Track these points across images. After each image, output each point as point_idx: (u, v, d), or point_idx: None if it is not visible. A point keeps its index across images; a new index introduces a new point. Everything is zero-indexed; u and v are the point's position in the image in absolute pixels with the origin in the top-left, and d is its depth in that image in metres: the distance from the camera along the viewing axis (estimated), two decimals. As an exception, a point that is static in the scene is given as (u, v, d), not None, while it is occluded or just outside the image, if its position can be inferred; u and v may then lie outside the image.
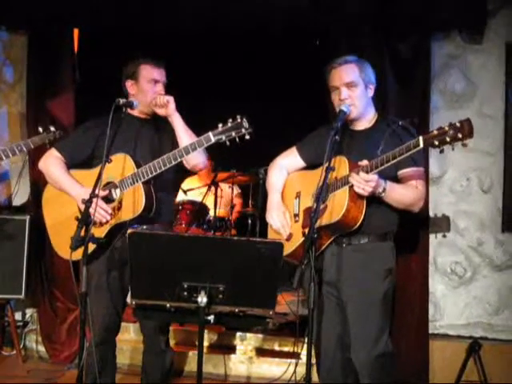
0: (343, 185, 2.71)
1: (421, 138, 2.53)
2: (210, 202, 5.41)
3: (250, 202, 5.87)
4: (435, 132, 2.49)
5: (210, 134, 2.90)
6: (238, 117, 2.88)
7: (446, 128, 2.46)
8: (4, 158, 3.49)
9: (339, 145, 2.77)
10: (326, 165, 2.63)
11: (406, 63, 3.88)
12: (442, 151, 2.51)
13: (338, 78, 2.85)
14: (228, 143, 2.89)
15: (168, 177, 3.14)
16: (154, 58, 3.20)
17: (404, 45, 3.88)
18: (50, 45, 4.62)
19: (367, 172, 2.62)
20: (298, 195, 2.99)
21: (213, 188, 5.35)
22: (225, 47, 5.23)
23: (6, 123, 4.92)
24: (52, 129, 3.66)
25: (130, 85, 3.21)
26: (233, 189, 5.52)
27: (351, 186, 2.67)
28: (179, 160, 2.97)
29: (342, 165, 2.76)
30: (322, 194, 2.61)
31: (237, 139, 2.88)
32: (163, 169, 2.97)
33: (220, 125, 2.89)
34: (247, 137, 2.87)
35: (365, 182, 2.62)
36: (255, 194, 5.71)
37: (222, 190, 5.54)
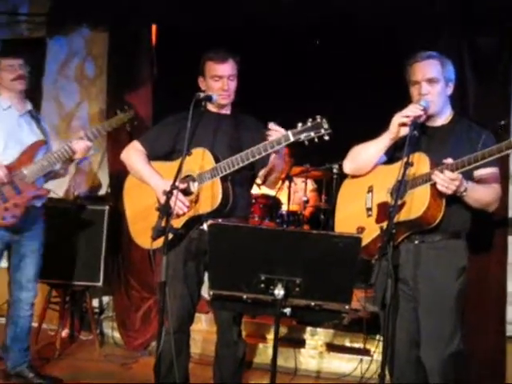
0: (424, 182, 2.66)
1: None
2: (283, 197, 5.42)
3: (322, 196, 5.84)
4: None
5: (289, 132, 2.88)
6: (318, 117, 2.85)
7: None
8: (94, 139, 3.57)
9: (417, 140, 2.73)
10: (405, 160, 2.59)
11: (486, 60, 3.78)
12: None
13: (419, 73, 2.79)
14: (306, 143, 2.88)
15: (245, 172, 3.15)
16: (217, 53, 3.18)
17: (484, 39, 3.78)
18: (129, 40, 4.78)
19: (452, 171, 2.58)
20: (370, 189, 2.95)
21: (287, 182, 5.36)
22: (303, 40, 5.22)
23: (86, 117, 5.11)
24: (126, 107, 3.72)
25: (201, 81, 3.26)
26: (306, 183, 5.51)
27: (433, 184, 2.62)
28: (258, 157, 2.97)
29: (421, 161, 2.70)
30: (401, 190, 2.57)
31: (315, 139, 2.86)
32: (241, 165, 2.98)
33: (299, 124, 2.87)
34: (326, 137, 2.84)
35: (449, 181, 2.56)
36: (329, 189, 5.68)
37: (295, 185, 5.54)
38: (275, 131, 2.91)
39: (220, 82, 3.17)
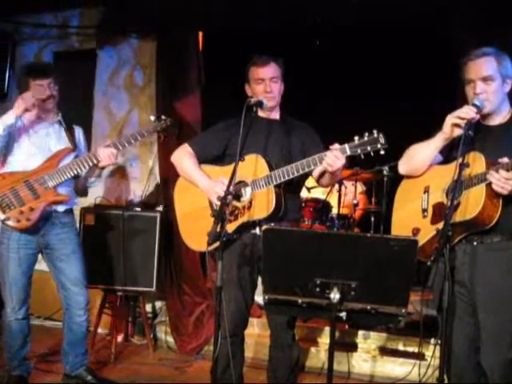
0: (480, 182, 2.60)
1: None
2: (333, 200, 5.40)
3: (372, 199, 5.78)
4: None
5: (347, 146, 2.89)
6: (375, 131, 2.85)
7: None
8: (120, 147, 3.60)
9: (472, 140, 2.68)
10: (460, 160, 2.55)
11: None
12: None
13: (474, 71, 2.73)
14: (362, 156, 2.88)
15: (297, 177, 3.14)
16: (260, 58, 3.23)
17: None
18: (176, 48, 4.86)
19: (508, 170, 2.52)
20: (426, 190, 2.90)
21: (337, 185, 5.33)
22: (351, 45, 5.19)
23: (137, 125, 5.21)
24: (163, 117, 3.74)
25: (247, 88, 3.31)
26: (356, 186, 5.48)
27: (489, 184, 2.57)
28: (313, 168, 3.00)
29: (477, 161, 2.65)
30: (457, 190, 2.53)
31: (371, 153, 2.86)
32: (296, 175, 3.01)
33: (356, 138, 2.87)
34: (382, 152, 2.84)
35: (505, 181, 2.51)
36: (378, 192, 5.62)
37: (345, 188, 5.51)
38: (333, 156, 2.89)
39: (263, 84, 3.20)
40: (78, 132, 3.84)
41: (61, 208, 3.65)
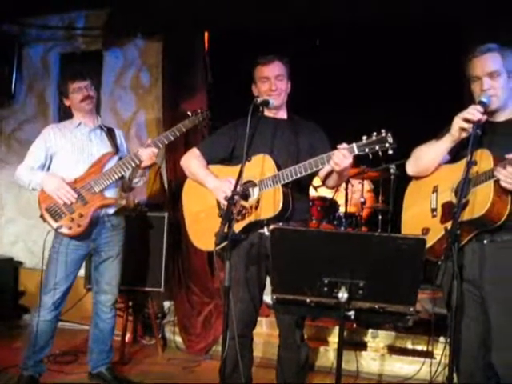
0: (487, 179, 2.59)
1: None
2: (340, 199, 5.39)
3: (380, 197, 5.77)
4: None
5: (354, 145, 2.89)
6: (383, 131, 2.85)
7: None
8: (160, 145, 3.67)
9: (480, 137, 2.67)
10: (468, 159, 2.54)
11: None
12: None
13: (480, 68, 2.72)
14: (370, 156, 2.88)
15: (304, 177, 3.14)
16: (264, 57, 3.24)
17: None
18: (182, 49, 4.87)
19: None
20: (435, 189, 2.90)
21: (344, 184, 5.32)
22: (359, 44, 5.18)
23: (143, 125, 5.22)
24: (199, 110, 3.77)
25: (253, 88, 3.32)
26: (363, 184, 5.47)
27: (496, 181, 2.55)
28: (320, 167, 3.00)
29: (484, 158, 2.63)
30: (464, 189, 2.52)
31: (379, 153, 2.86)
32: (304, 174, 3.01)
33: (364, 137, 2.87)
34: (390, 151, 2.84)
35: None
36: (386, 190, 5.61)
37: (352, 186, 5.49)
38: (341, 155, 2.89)
39: (268, 82, 3.21)
40: (119, 135, 3.94)
41: (111, 210, 3.75)
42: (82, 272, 4.01)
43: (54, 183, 3.57)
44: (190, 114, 3.73)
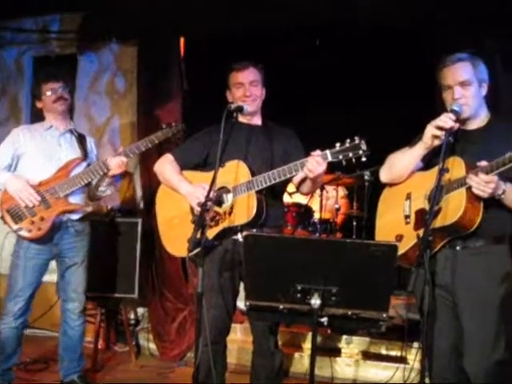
0: (460, 186, 2.62)
1: None
2: (315, 205, 5.41)
3: (354, 203, 5.81)
4: None
5: (328, 152, 2.89)
6: (357, 138, 2.86)
7: None
8: (131, 155, 3.65)
9: (452, 145, 2.70)
10: (440, 166, 2.56)
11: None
12: None
13: (451, 77, 2.75)
14: (344, 163, 2.89)
15: (279, 183, 3.14)
16: (239, 63, 3.25)
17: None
18: (158, 54, 4.85)
19: (487, 173, 2.53)
20: (408, 196, 2.92)
21: (318, 190, 5.34)
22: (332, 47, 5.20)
23: (117, 131, 5.18)
24: (173, 124, 3.75)
25: (228, 94, 3.32)
26: (337, 191, 5.49)
27: (469, 188, 2.59)
28: (294, 174, 3.00)
29: (456, 166, 2.67)
30: (437, 196, 2.55)
31: (353, 160, 2.87)
32: (278, 180, 3.01)
33: (338, 144, 2.88)
34: (364, 159, 2.85)
35: (484, 184, 2.52)
36: (360, 196, 5.64)
37: (327, 192, 5.52)
38: (314, 162, 2.89)
39: (242, 88, 3.21)
40: (90, 141, 3.89)
41: (75, 216, 3.69)
42: (54, 278, 3.94)
43: (18, 184, 3.52)
44: (164, 126, 3.72)
